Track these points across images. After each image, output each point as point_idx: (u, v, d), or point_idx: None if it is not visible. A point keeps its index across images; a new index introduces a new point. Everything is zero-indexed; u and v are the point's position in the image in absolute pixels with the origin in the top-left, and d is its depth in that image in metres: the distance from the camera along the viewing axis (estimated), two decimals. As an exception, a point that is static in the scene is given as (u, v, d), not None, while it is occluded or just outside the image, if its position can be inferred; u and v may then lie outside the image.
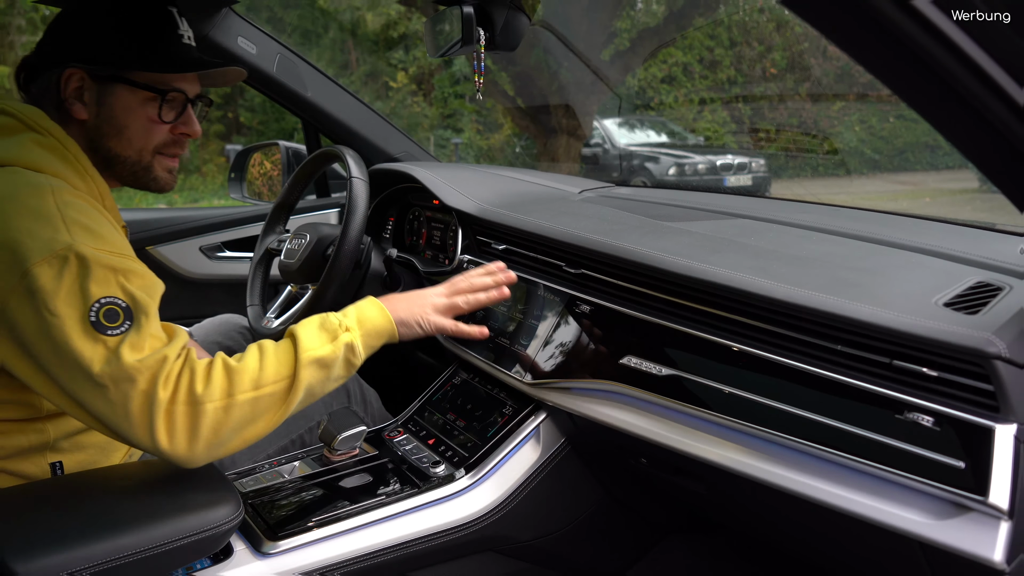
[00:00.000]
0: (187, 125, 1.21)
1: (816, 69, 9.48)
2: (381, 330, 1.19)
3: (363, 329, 1.17)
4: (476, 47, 1.24)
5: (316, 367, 1.08)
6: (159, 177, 1.21)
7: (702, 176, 8.28)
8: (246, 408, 1.01)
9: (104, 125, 1.14)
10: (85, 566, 0.91)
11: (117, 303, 0.97)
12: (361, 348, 1.15)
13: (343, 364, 1.12)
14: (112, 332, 0.96)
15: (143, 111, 1.16)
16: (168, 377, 0.98)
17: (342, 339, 1.12)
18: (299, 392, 1.06)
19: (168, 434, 0.97)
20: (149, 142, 1.17)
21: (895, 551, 0.92)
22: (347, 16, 12.14)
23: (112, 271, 0.98)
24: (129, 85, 1.14)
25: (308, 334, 1.11)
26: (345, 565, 1.16)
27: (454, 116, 12.04)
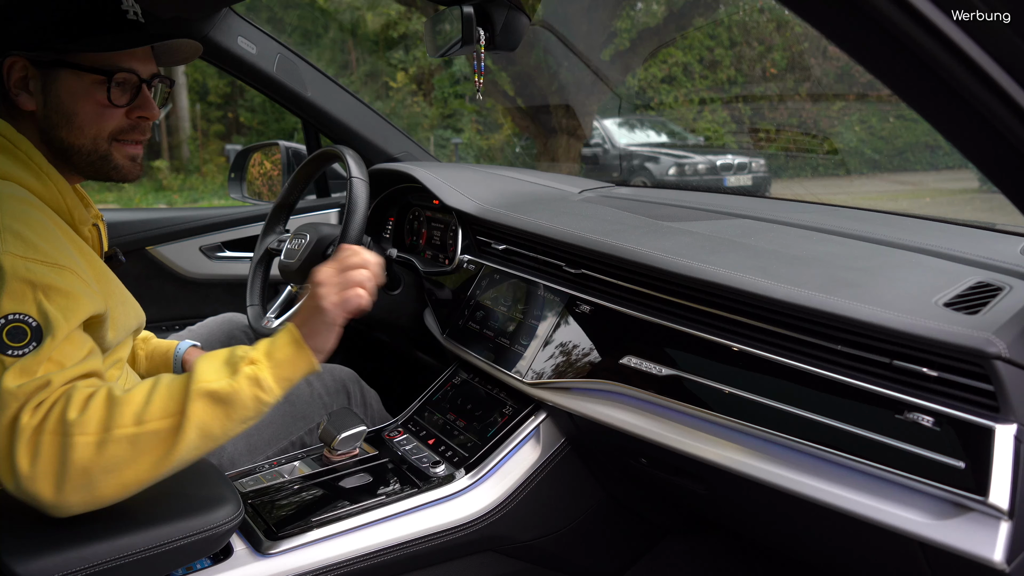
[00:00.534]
0: (144, 108, 1.12)
1: (816, 69, 9.48)
2: (294, 359, 1.01)
3: (272, 361, 0.99)
4: (476, 47, 1.24)
5: (209, 402, 0.93)
6: (120, 165, 1.13)
7: (702, 176, 8.28)
8: (123, 446, 0.89)
9: (53, 114, 1.08)
10: (85, 566, 0.90)
11: (26, 321, 0.90)
12: (271, 381, 0.98)
13: (249, 400, 0.96)
14: (12, 352, 0.89)
15: (92, 96, 1.08)
16: (41, 404, 0.89)
17: (244, 372, 0.97)
18: (188, 431, 0.92)
19: (30, 464, 0.87)
20: (103, 128, 1.09)
21: (895, 551, 0.92)
22: (347, 16, 12.14)
23: (31, 286, 0.91)
24: (73, 69, 1.06)
25: (206, 366, 0.97)
26: (345, 565, 1.16)
27: (454, 116, 12.04)
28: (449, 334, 1.56)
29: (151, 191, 11.48)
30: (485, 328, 1.49)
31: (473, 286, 1.58)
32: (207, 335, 1.71)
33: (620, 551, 1.58)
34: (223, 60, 1.90)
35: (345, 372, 1.56)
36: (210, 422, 0.94)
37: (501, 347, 1.42)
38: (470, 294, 1.57)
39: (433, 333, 1.62)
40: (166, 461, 0.92)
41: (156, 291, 2.09)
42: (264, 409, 0.99)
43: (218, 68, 1.99)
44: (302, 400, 1.47)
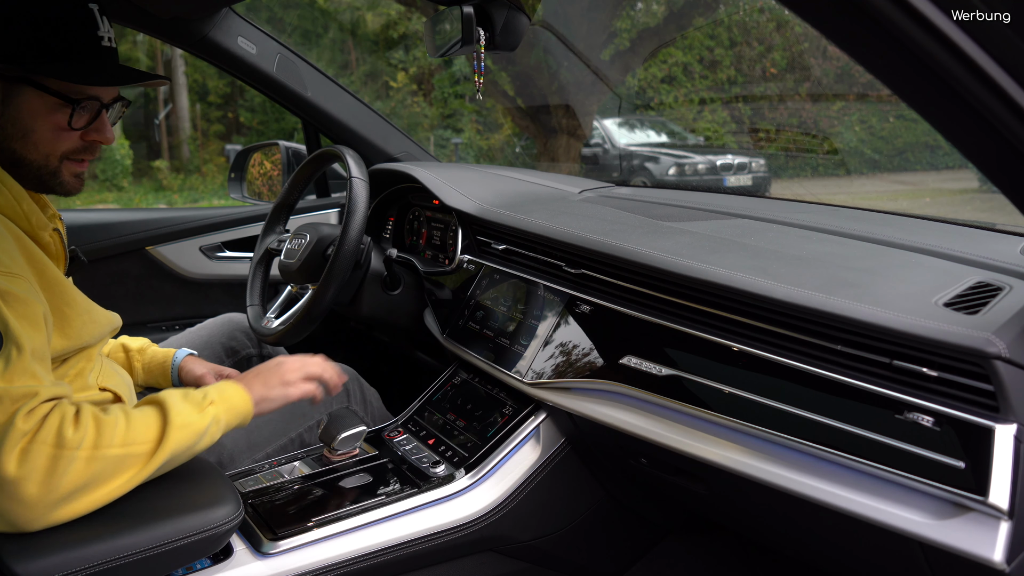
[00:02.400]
0: (100, 132, 1.13)
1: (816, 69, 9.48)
2: (240, 410, 1.13)
3: (226, 405, 1.10)
4: (476, 47, 1.24)
5: (186, 434, 1.02)
6: (65, 182, 1.13)
7: (702, 176, 8.28)
8: (109, 464, 0.93)
9: (8, 126, 1.07)
10: (84, 566, 0.90)
11: None
12: (223, 422, 1.09)
13: (208, 437, 1.06)
14: None
15: (52, 117, 1.07)
16: (33, 412, 0.90)
17: (209, 411, 1.07)
18: (164, 455, 0.99)
19: (18, 466, 0.87)
20: (56, 148, 1.09)
21: (895, 551, 0.92)
22: (347, 16, 12.15)
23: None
24: (39, 90, 1.05)
25: (175, 402, 1.04)
26: (345, 565, 1.16)
27: (454, 116, 12.04)
28: (449, 334, 1.56)
29: (151, 191, 11.48)
30: (485, 328, 1.49)
31: (473, 286, 1.58)
32: (207, 336, 1.71)
33: (620, 551, 1.58)
34: (223, 60, 1.90)
35: (345, 370, 1.57)
36: (180, 450, 1.02)
37: (501, 347, 1.42)
38: (470, 294, 1.57)
39: (433, 333, 1.62)
40: (135, 480, 0.98)
41: (156, 291, 2.09)
42: (208, 446, 1.08)
43: (218, 68, 1.99)
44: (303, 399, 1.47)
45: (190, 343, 1.67)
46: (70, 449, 0.90)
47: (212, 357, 1.69)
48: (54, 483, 0.89)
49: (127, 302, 2.02)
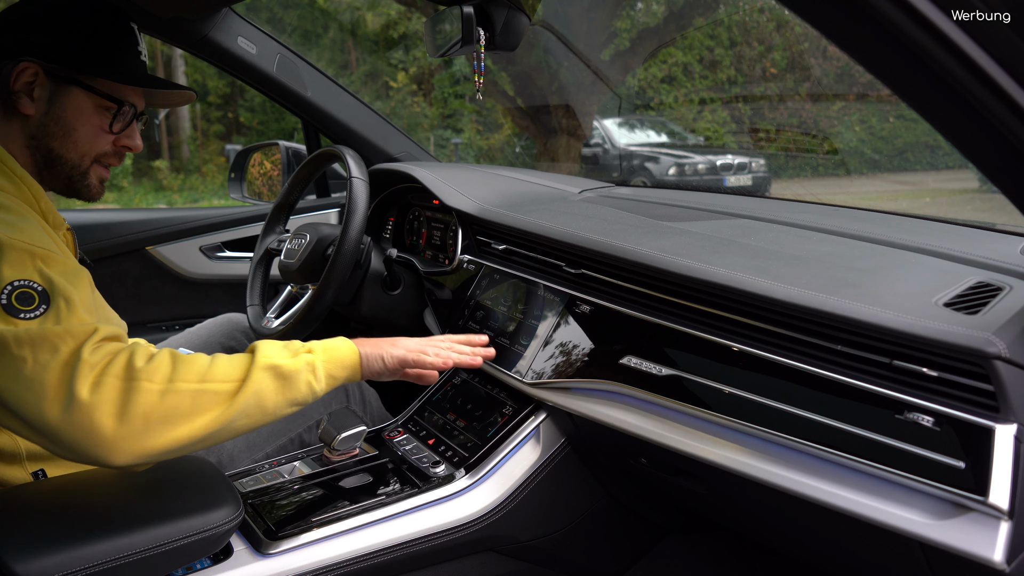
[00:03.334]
0: (130, 138, 1.20)
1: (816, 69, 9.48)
2: (344, 359, 1.11)
3: (326, 355, 1.09)
4: (476, 47, 1.24)
5: (272, 375, 1.00)
6: (91, 185, 1.19)
7: (702, 176, 8.28)
8: (185, 399, 0.92)
9: (51, 124, 1.12)
10: (84, 566, 0.90)
11: (32, 286, 0.91)
12: (322, 372, 1.07)
13: (303, 384, 1.04)
14: (26, 316, 0.89)
15: (95, 118, 1.15)
16: (99, 347, 0.91)
17: (303, 356, 1.05)
18: (247, 394, 0.97)
19: (90, 393, 0.87)
20: (93, 149, 1.16)
21: (895, 551, 0.92)
22: (347, 16, 12.15)
23: (29, 255, 0.93)
24: (87, 90, 1.13)
25: (268, 345, 1.04)
26: (345, 565, 1.16)
27: (454, 116, 12.04)
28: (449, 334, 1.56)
29: (151, 191, 11.48)
30: (485, 328, 1.49)
31: (473, 286, 1.58)
32: (207, 336, 1.71)
33: (620, 551, 1.58)
34: (223, 60, 1.90)
35: None
36: (267, 393, 0.99)
37: (501, 347, 1.42)
38: (470, 294, 1.57)
39: (433, 333, 1.62)
40: (219, 421, 0.95)
41: (156, 291, 2.09)
42: (310, 398, 1.05)
43: (218, 68, 1.99)
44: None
45: (189, 343, 1.67)
46: (141, 380, 0.90)
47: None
48: (128, 414, 0.88)
49: (127, 302, 2.02)
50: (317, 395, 1.06)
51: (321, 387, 1.06)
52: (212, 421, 0.94)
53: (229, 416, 0.96)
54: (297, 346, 1.07)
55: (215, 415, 0.95)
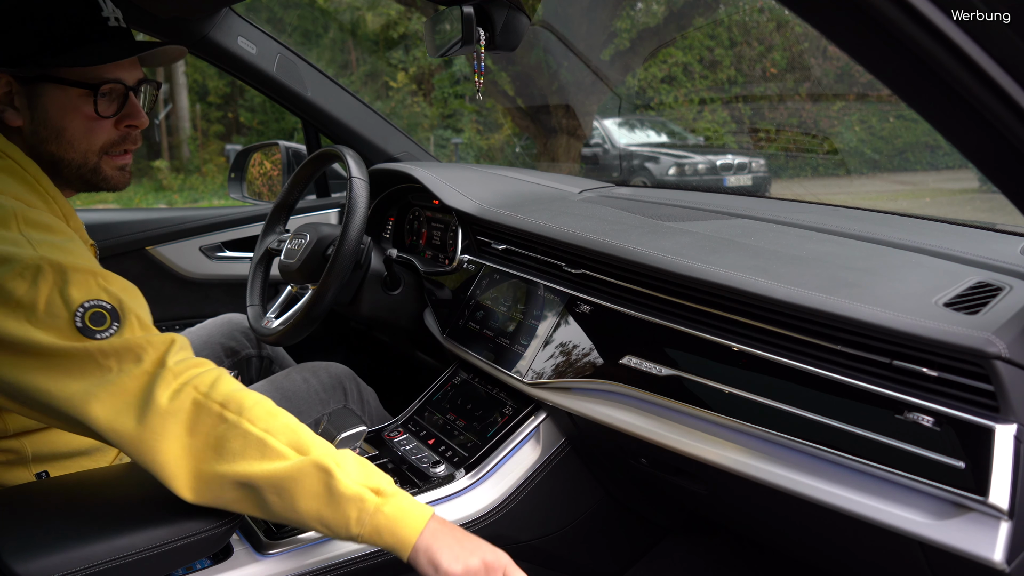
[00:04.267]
0: (132, 116, 1.11)
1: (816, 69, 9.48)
2: (403, 527, 0.93)
3: (391, 507, 0.93)
4: (476, 47, 1.24)
5: (320, 478, 0.91)
6: (109, 177, 1.13)
7: (702, 176, 8.28)
8: (239, 435, 0.91)
9: (41, 129, 1.06)
10: (85, 566, 0.90)
11: (102, 305, 0.92)
12: (369, 519, 0.92)
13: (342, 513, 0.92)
14: (100, 336, 0.91)
15: (79, 109, 1.06)
16: (181, 359, 0.93)
17: (365, 490, 0.93)
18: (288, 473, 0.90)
19: (169, 403, 0.89)
20: (93, 142, 1.09)
21: (895, 551, 0.92)
22: (347, 16, 12.14)
23: (92, 274, 0.94)
24: (58, 83, 1.04)
25: (342, 454, 0.95)
26: (345, 565, 1.16)
27: (454, 116, 12.04)
28: (449, 334, 1.56)
29: (151, 191, 11.48)
30: (485, 328, 1.49)
31: (473, 286, 1.58)
32: (207, 336, 1.71)
33: (620, 551, 1.58)
34: (223, 60, 1.90)
35: (342, 369, 1.57)
36: (305, 489, 0.91)
37: (501, 347, 1.42)
38: (470, 294, 1.57)
39: (433, 333, 1.62)
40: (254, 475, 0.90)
41: (156, 291, 2.09)
42: (342, 533, 0.93)
43: (218, 68, 1.99)
44: (299, 397, 1.47)
45: (190, 342, 1.68)
46: (217, 403, 0.91)
47: (212, 357, 1.69)
48: (197, 430, 0.90)
49: (127, 302, 2.02)
50: (352, 539, 0.93)
51: (359, 532, 0.92)
52: (246, 473, 0.91)
53: (265, 477, 0.91)
54: (375, 478, 0.95)
55: (252, 470, 0.90)
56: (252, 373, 1.74)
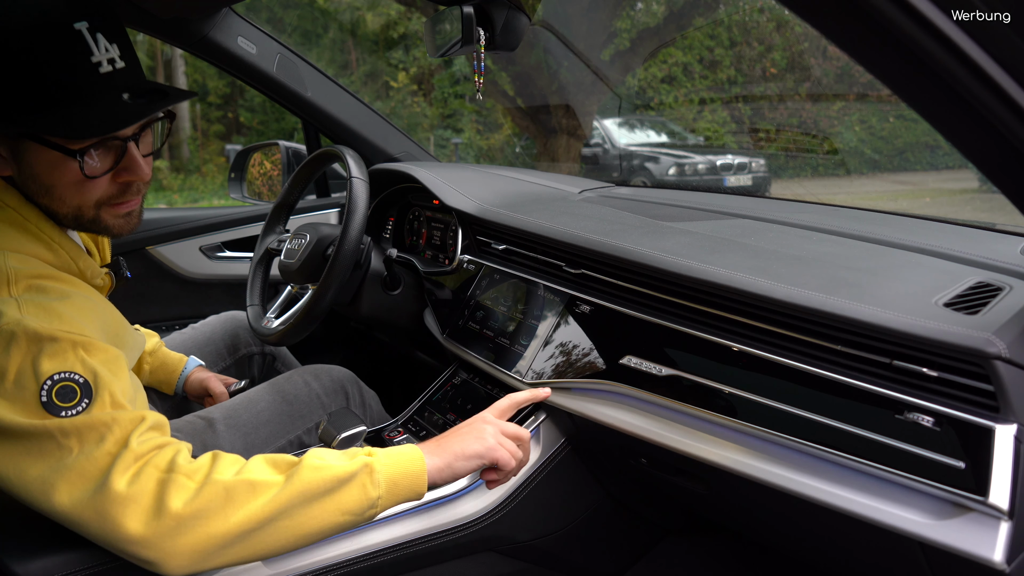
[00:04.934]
0: (130, 171, 0.98)
1: (816, 69, 9.48)
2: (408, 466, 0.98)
3: (388, 458, 0.96)
4: (476, 47, 1.24)
5: (321, 475, 0.91)
6: (111, 225, 1.02)
7: (702, 176, 8.28)
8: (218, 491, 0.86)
9: (30, 183, 0.96)
10: (84, 566, 0.90)
11: (73, 379, 0.86)
12: (381, 476, 0.94)
13: (356, 487, 0.92)
14: (65, 413, 0.84)
15: (67, 168, 0.94)
16: (145, 438, 0.87)
17: (360, 458, 0.95)
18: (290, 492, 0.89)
19: (128, 485, 0.83)
20: (86, 199, 0.98)
21: (895, 551, 0.92)
22: (347, 16, 12.15)
23: (71, 344, 0.87)
24: (40, 143, 0.93)
25: (316, 449, 0.96)
26: (345, 565, 1.16)
27: (454, 116, 12.05)
28: (449, 334, 1.56)
29: (151, 191, 11.48)
30: (485, 328, 1.49)
31: (473, 286, 1.58)
32: (210, 333, 1.72)
33: (620, 551, 1.58)
34: (223, 60, 1.90)
35: (343, 373, 1.56)
36: (315, 494, 0.90)
37: (501, 347, 1.42)
38: (470, 294, 1.57)
39: (433, 333, 1.62)
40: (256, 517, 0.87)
41: (156, 291, 2.09)
42: (366, 506, 0.93)
43: (218, 68, 1.99)
44: (300, 400, 1.47)
45: (193, 339, 1.68)
46: (181, 475, 0.86)
47: (214, 354, 1.70)
48: (164, 508, 0.83)
49: (127, 302, 2.02)
50: (375, 505, 0.94)
51: (378, 493, 0.94)
52: (248, 517, 0.86)
53: (268, 513, 0.87)
54: (355, 450, 0.98)
55: (252, 510, 0.87)
56: (255, 371, 1.74)
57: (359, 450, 0.98)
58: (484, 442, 1.05)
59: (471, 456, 1.03)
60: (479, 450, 1.04)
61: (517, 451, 1.08)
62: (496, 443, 1.06)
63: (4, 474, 0.85)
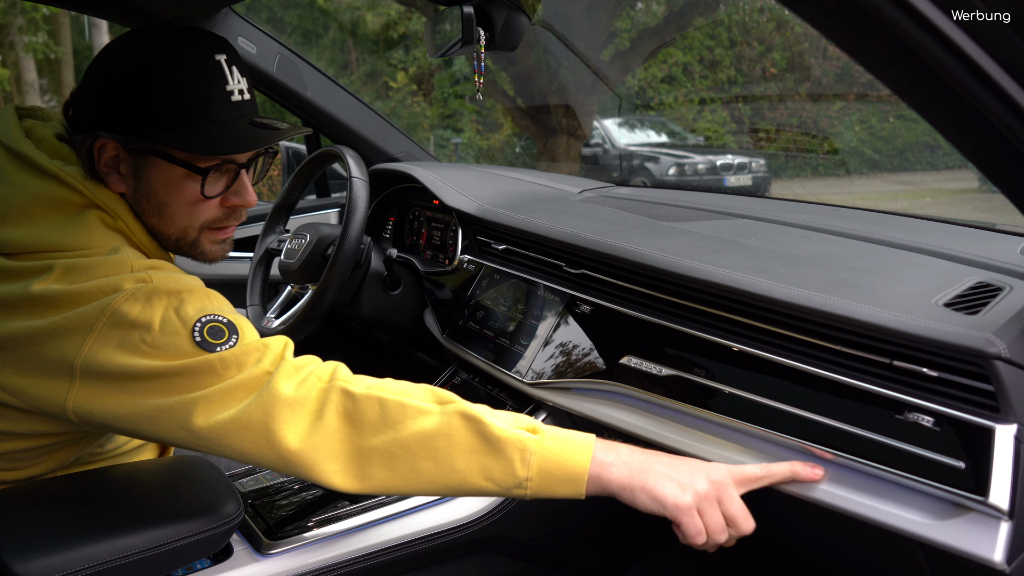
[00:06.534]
0: (239, 195, 1.06)
1: (816, 69, 9.49)
2: (569, 460, 0.90)
3: (553, 442, 0.90)
4: (476, 47, 1.24)
5: (470, 428, 0.88)
6: (208, 251, 1.11)
7: (702, 176, 8.29)
8: (373, 405, 0.89)
9: (144, 201, 1.02)
10: (85, 566, 0.91)
11: (218, 320, 0.92)
12: (535, 459, 0.88)
13: (505, 459, 0.87)
14: (220, 348, 0.90)
15: (185, 187, 1.02)
16: (300, 357, 0.94)
17: (521, 432, 0.89)
18: (439, 428, 0.87)
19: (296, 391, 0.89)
20: (195, 220, 1.05)
21: (895, 551, 0.92)
22: (347, 16, 12.15)
23: (206, 294, 0.95)
24: (165, 160, 1.00)
25: (481, 406, 0.93)
26: (345, 565, 1.16)
27: (454, 116, 12.05)
28: (449, 334, 1.56)
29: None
30: (485, 328, 1.49)
31: (473, 286, 1.58)
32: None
33: (620, 551, 1.58)
34: None
35: None
36: (460, 442, 0.87)
37: (501, 347, 1.42)
38: (470, 294, 1.57)
39: (433, 333, 1.62)
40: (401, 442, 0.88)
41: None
42: (511, 482, 0.88)
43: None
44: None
45: None
46: (340, 384, 0.90)
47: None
48: (322, 416, 0.88)
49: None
50: (522, 485, 0.88)
51: (527, 474, 0.87)
52: (393, 440, 0.88)
53: (415, 439, 0.87)
54: (523, 419, 0.93)
55: (401, 433, 0.88)
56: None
57: (527, 420, 0.92)
58: (682, 497, 0.87)
59: (657, 499, 0.88)
60: (668, 499, 0.87)
61: (718, 536, 0.90)
62: (695, 505, 0.88)
63: (158, 408, 0.88)
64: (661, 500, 0.87)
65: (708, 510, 0.88)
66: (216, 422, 0.88)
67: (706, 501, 0.88)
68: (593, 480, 0.89)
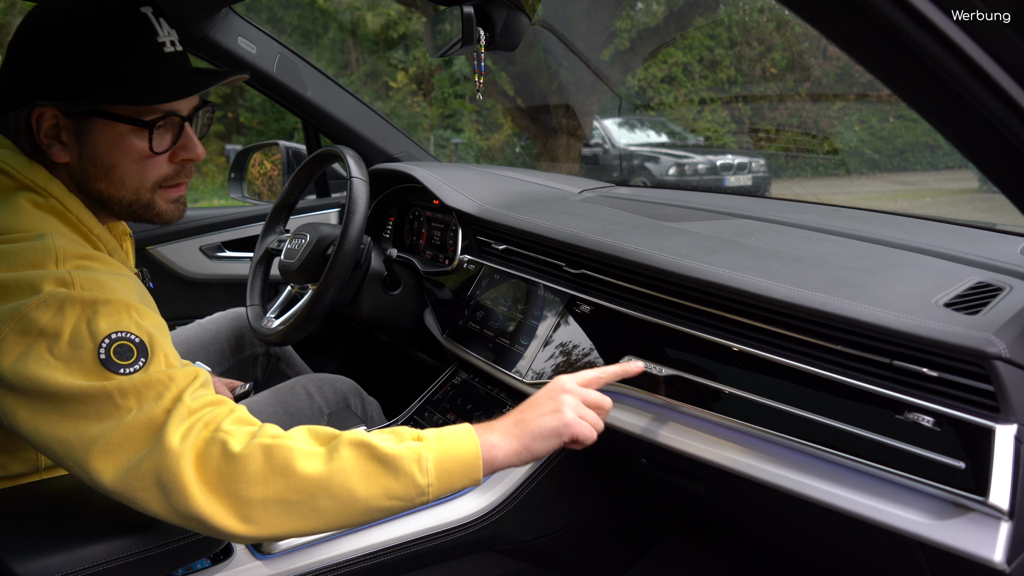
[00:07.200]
0: (188, 149, 1.04)
1: (816, 69, 9.49)
2: (462, 452, 0.92)
3: (439, 443, 0.91)
4: (476, 47, 1.24)
5: (362, 454, 0.86)
6: (163, 211, 1.05)
7: (702, 176, 8.29)
8: (257, 454, 0.84)
9: (90, 166, 0.98)
10: (85, 566, 0.90)
11: (129, 338, 0.87)
12: (431, 463, 0.89)
13: (405, 474, 0.87)
14: (123, 371, 0.85)
15: (131, 145, 0.98)
16: (199, 394, 0.87)
17: (408, 443, 0.90)
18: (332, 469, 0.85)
19: (181, 441, 0.83)
20: (146, 179, 1.01)
21: (895, 551, 0.92)
22: (347, 16, 12.15)
23: (124, 307, 0.89)
24: (108, 119, 0.96)
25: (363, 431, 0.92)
26: (345, 565, 1.16)
27: (454, 116, 12.05)
28: (449, 334, 1.56)
29: (151, 191, 11.46)
30: (485, 328, 1.49)
31: (473, 286, 1.58)
32: (215, 331, 1.72)
33: (620, 551, 1.58)
34: (223, 60, 1.90)
35: (346, 383, 1.56)
36: (355, 474, 0.86)
37: (501, 347, 1.42)
38: (470, 294, 1.57)
39: (433, 333, 1.62)
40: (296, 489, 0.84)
41: (156, 291, 2.07)
42: (415, 494, 0.89)
43: (218, 68, 1.99)
44: (302, 412, 1.46)
45: (198, 336, 1.68)
46: (223, 434, 0.84)
47: (218, 353, 1.70)
48: (208, 466, 0.83)
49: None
50: (424, 492, 0.89)
51: (428, 481, 0.89)
52: (286, 487, 0.84)
53: (308, 480, 0.84)
54: (404, 431, 0.93)
55: (292, 481, 0.84)
56: (258, 372, 1.73)
57: (408, 431, 0.93)
58: (561, 416, 0.98)
59: (548, 435, 0.97)
60: (557, 427, 0.97)
61: (599, 422, 1.01)
62: (575, 416, 0.98)
63: (58, 440, 0.84)
64: (554, 434, 0.97)
65: (582, 412, 1.00)
66: (118, 476, 0.84)
67: (576, 408, 1.00)
68: (487, 463, 0.94)
